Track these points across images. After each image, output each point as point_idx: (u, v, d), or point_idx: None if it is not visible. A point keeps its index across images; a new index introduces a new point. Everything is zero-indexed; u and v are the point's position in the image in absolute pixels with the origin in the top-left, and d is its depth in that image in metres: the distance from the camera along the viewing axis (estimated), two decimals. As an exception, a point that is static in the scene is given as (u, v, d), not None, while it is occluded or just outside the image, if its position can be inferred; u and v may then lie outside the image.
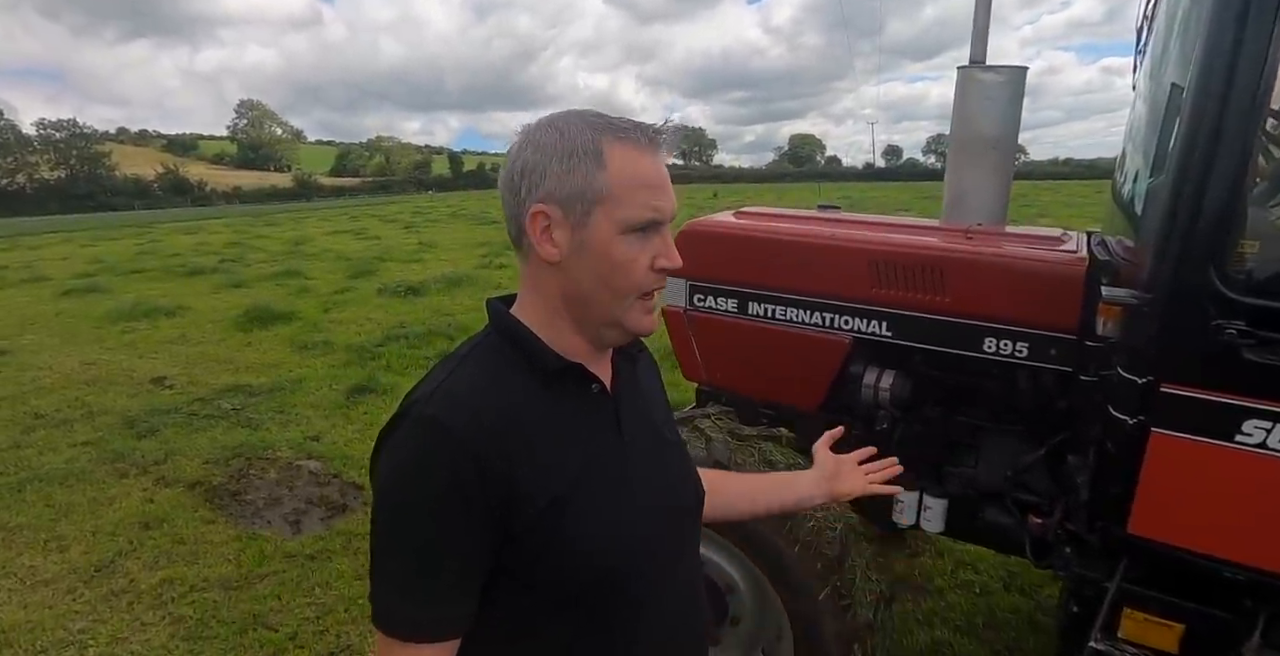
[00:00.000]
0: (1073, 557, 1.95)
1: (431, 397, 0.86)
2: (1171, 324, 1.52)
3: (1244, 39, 1.38)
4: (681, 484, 1.08)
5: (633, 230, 0.87)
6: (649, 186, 0.87)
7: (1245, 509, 1.57)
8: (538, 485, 0.86)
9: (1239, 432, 1.50)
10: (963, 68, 2.39)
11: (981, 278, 2.11)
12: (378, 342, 7.61)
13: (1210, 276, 1.46)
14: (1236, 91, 1.40)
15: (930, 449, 2.40)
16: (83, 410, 5.75)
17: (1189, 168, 1.46)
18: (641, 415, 1.03)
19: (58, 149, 77.79)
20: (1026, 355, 2.08)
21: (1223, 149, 1.43)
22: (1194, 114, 1.46)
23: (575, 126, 0.87)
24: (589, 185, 0.85)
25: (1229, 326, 1.45)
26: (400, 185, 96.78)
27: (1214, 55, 1.42)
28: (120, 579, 3.35)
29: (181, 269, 14.46)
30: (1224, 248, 1.47)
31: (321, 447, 4.86)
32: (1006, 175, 2.44)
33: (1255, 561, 1.59)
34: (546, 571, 0.88)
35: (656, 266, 0.90)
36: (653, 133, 0.88)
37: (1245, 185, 1.47)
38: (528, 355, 0.92)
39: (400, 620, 0.84)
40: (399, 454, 0.85)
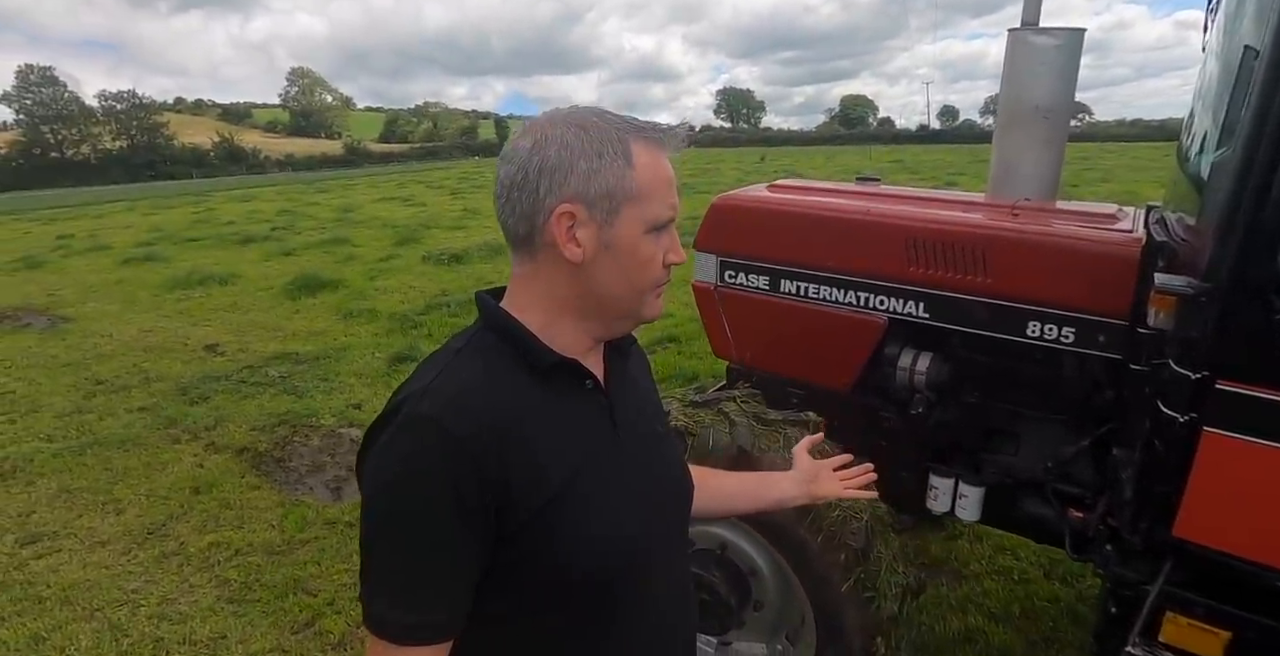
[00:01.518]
0: (1113, 555, 1.86)
1: (424, 396, 0.84)
2: (1231, 316, 1.40)
3: None
4: (673, 477, 1.08)
5: (655, 228, 0.89)
6: (670, 185, 0.89)
7: (1303, 514, 1.46)
8: (533, 484, 0.85)
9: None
10: (1014, 30, 2.22)
11: (1026, 258, 1.99)
12: (420, 311, 7.71)
13: (1278, 265, 1.34)
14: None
15: (967, 435, 2.32)
16: (140, 376, 5.98)
17: (1261, 141, 1.33)
18: (634, 409, 1.02)
19: (119, 119, 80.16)
20: (1073, 341, 1.97)
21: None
22: (1269, 81, 1.32)
23: (598, 124, 0.86)
24: (619, 184, 0.85)
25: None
26: (447, 151, 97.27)
27: None
28: (171, 542, 3.49)
29: (234, 237, 14.84)
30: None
31: (363, 416, 4.97)
32: (1059, 147, 2.28)
33: (1313, 570, 1.48)
34: (542, 569, 0.87)
35: (668, 261, 0.92)
36: (669, 132, 0.89)
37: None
38: (521, 351, 0.90)
39: (393, 623, 0.82)
40: (391, 453, 0.83)
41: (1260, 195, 1.34)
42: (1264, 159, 1.33)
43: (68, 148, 76.82)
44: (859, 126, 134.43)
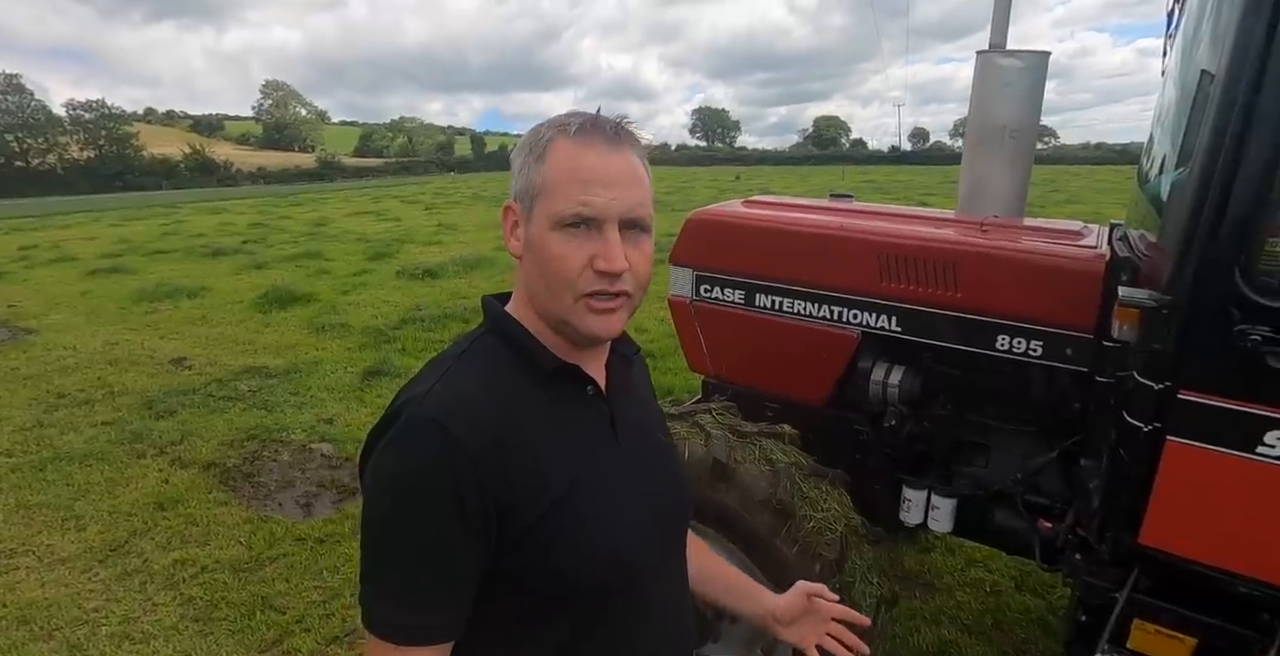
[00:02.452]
0: (1082, 564, 1.89)
1: (427, 398, 0.84)
2: (1192, 328, 1.45)
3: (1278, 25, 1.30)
4: (673, 486, 1.07)
5: (563, 225, 0.84)
6: (578, 180, 0.83)
7: (1265, 523, 1.50)
8: (536, 488, 0.85)
9: (1260, 444, 1.44)
10: (982, 52, 2.30)
11: (995, 273, 2.04)
12: (393, 325, 7.64)
13: (1235, 279, 1.39)
14: (1270, 80, 1.32)
15: (939, 448, 2.35)
16: (104, 390, 5.85)
17: (1216, 161, 1.38)
18: (635, 417, 1.02)
19: (87, 129, 78.63)
20: (1041, 354, 2.01)
21: (1253, 142, 1.35)
22: (1224, 103, 1.38)
23: (543, 125, 0.89)
24: (532, 180, 0.86)
25: (1254, 332, 1.37)
26: (423, 166, 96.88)
27: (1246, 41, 1.33)
28: (134, 559, 3.40)
29: (205, 250, 14.60)
30: (1251, 249, 1.40)
31: (334, 431, 4.90)
32: (1025, 165, 2.35)
33: (1274, 577, 1.52)
34: (544, 573, 0.87)
35: (596, 267, 0.84)
36: (597, 126, 0.86)
37: (1277, 182, 1.40)
38: (524, 354, 0.91)
39: (393, 624, 0.82)
40: (394, 455, 0.83)
41: (1218, 213, 1.39)
42: (1220, 179, 1.38)
43: (33, 157, 75.17)
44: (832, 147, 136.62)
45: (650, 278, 0.91)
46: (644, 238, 0.89)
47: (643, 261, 0.88)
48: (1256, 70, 1.33)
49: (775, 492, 1.88)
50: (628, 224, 0.86)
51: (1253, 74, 1.33)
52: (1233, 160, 1.36)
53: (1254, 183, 1.35)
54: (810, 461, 2.05)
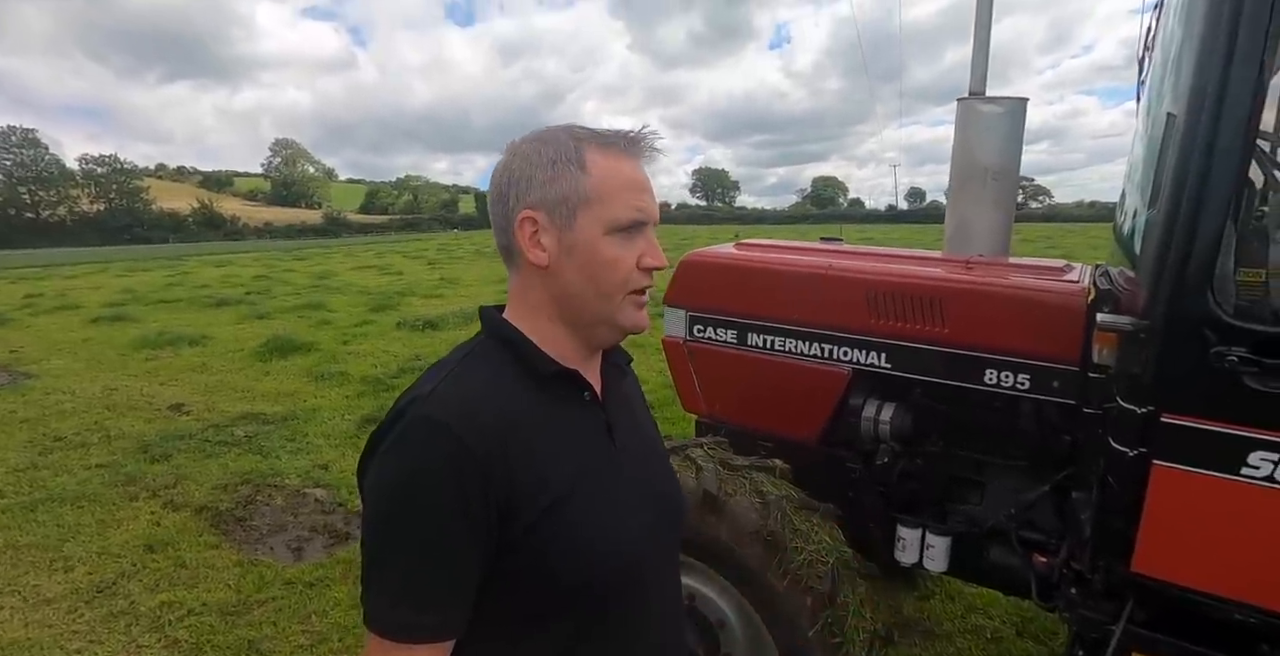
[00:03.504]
0: (1077, 598, 1.88)
1: (429, 399, 0.86)
2: (1171, 351, 1.49)
3: (1233, 65, 1.38)
4: (668, 494, 1.09)
5: (618, 230, 0.90)
6: (631, 187, 0.90)
7: (1253, 546, 1.51)
8: (537, 487, 0.86)
9: (1244, 465, 1.45)
10: (963, 99, 2.40)
11: (981, 308, 2.08)
12: (393, 374, 7.66)
13: (1209, 301, 1.44)
14: (1227, 114, 1.40)
15: (932, 485, 2.35)
16: (100, 434, 5.83)
17: (1184, 190, 1.45)
18: (630, 424, 1.05)
19: (99, 183, 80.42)
20: (1028, 387, 2.04)
21: (1217, 168, 1.41)
22: (1186, 139, 1.45)
23: (557, 137, 0.91)
24: (573, 189, 0.88)
25: (1230, 353, 1.41)
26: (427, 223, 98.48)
27: (1204, 81, 1.42)
28: (121, 600, 3.34)
29: (208, 300, 14.74)
30: (1224, 272, 1.45)
31: (330, 476, 4.86)
32: (1008, 206, 2.43)
33: (1265, 602, 1.52)
34: (542, 574, 0.87)
35: (643, 265, 0.92)
36: (630, 138, 0.92)
37: (1244, 205, 1.46)
38: (523, 359, 0.93)
39: (395, 621, 0.83)
40: (396, 455, 0.84)
41: (1188, 239, 1.44)
42: (1188, 206, 1.45)
43: (44, 209, 76.61)
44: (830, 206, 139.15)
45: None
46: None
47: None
48: (1214, 105, 1.40)
49: (766, 524, 1.88)
50: (653, 225, 0.95)
51: (1211, 109, 1.41)
52: (1200, 187, 1.43)
53: (1220, 206, 1.42)
54: (800, 494, 2.05)
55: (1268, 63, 1.40)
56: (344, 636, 3.05)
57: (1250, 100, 1.39)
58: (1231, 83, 1.39)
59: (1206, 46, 1.42)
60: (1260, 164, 1.80)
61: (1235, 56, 1.38)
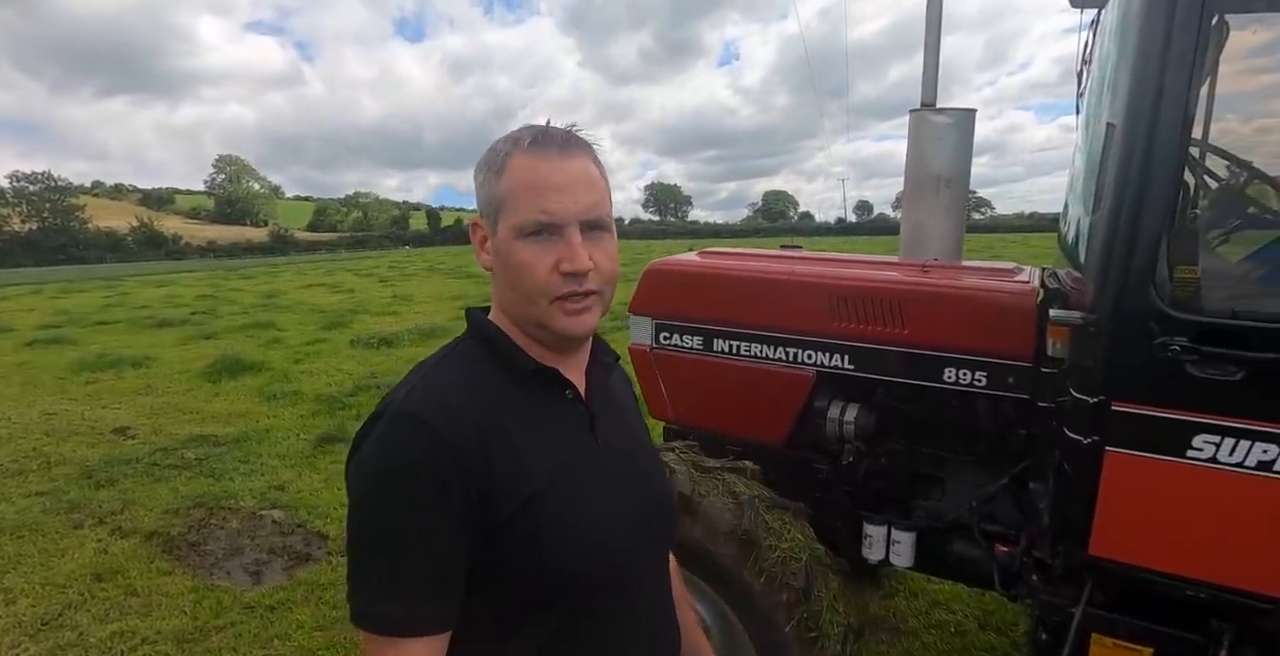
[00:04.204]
0: (1039, 584, 1.95)
1: (409, 396, 0.87)
2: (1118, 343, 1.57)
3: (1166, 79, 1.48)
4: (655, 490, 1.09)
5: (525, 234, 0.88)
6: (535, 189, 0.87)
7: (1201, 525, 1.59)
8: (515, 481, 0.86)
9: (1190, 448, 1.54)
10: (914, 110, 2.50)
11: (938, 309, 2.16)
12: (349, 393, 7.51)
13: (1152, 296, 1.52)
14: (1162, 121, 1.49)
15: (896, 482, 2.41)
16: (40, 460, 5.58)
17: (1125, 193, 1.54)
18: (616, 422, 1.05)
19: (31, 201, 77.23)
20: (985, 384, 2.12)
21: (1155, 173, 1.51)
22: (1125, 145, 1.55)
23: (500, 142, 0.93)
24: (493, 194, 0.90)
25: (1172, 344, 1.50)
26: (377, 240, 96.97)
27: (1140, 94, 1.51)
28: (68, 632, 3.20)
29: (150, 321, 14.27)
30: (1165, 266, 1.54)
31: (286, 497, 4.74)
32: (960, 212, 2.53)
33: (1214, 577, 1.60)
34: (522, 571, 0.88)
35: (562, 270, 0.88)
36: (542, 136, 0.90)
37: (1181, 206, 1.56)
38: (503, 357, 0.94)
39: (383, 617, 0.83)
40: (377, 449, 0.85)
41: (1130, 237, 1.53)
42: (1129, 211, 1.54)
43: (-28, 229, 73.29)
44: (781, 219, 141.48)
45: (618, 275, 0.95)
46: (606, 237, 0.92)
47: (607, 260, 0.92)
48: (1150, 116, 1.50)
49: (740, 524, 1.91)
50: (588, 225, 0.89)
51: (1147, 119, 1.50)
52: (1138, 190, 1.52)
53: (1159, 208, 1.51)
54: (772, 494, 2.09)
55: (1196, 76, 1.50)
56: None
57: (1183, 110, 1.49)
58: (1165, 95, 1.48)
59: (1141, 61, 1.52)
60: (1193, 169, 1.92)
61: (1168, 70, 1.48)
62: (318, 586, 3.55)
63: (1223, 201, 1.88)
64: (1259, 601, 1.58)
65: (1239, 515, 1.55)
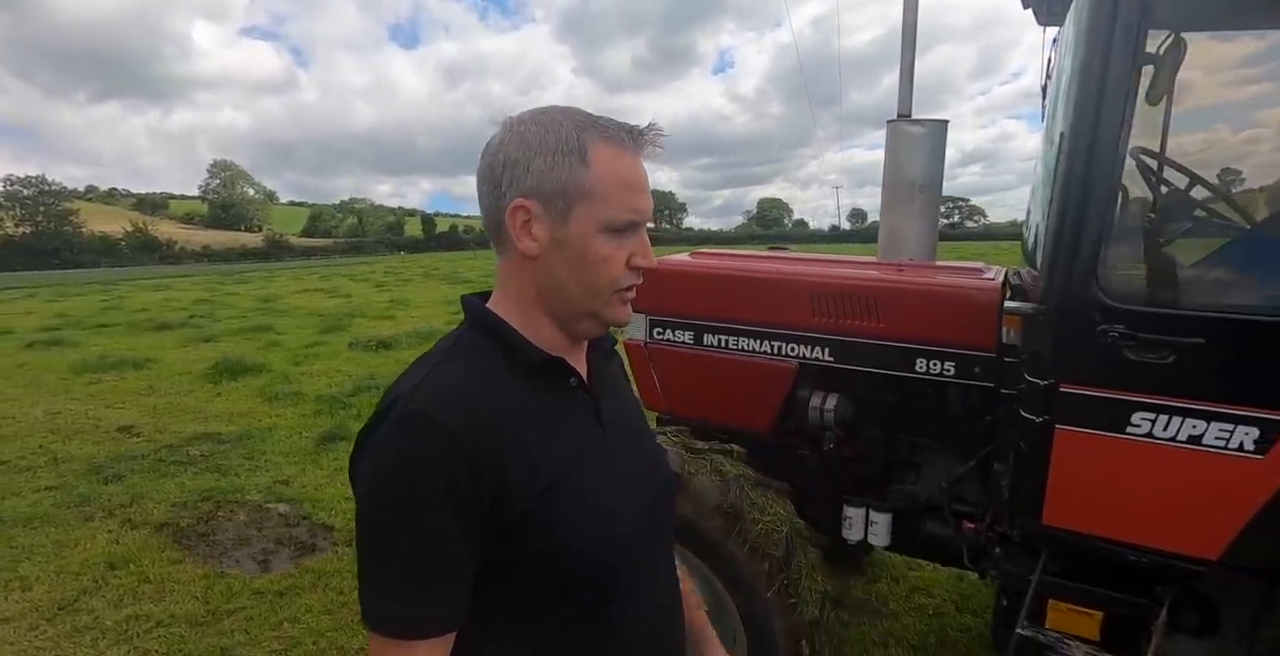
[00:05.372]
0: (1001, 556, 2.12)
1: (415, 393, 0.85)
2: (1065, 330, 1.75)
3: (1106, 89, 1.66)
4: (659, 473, 1.10)
5: (612, 229, 0.88)
6: (631, 187, 0.88)
7: (1140, 495, 1.77)
8: (527, 477, 0.85)
9: (1129, 425, 1.72)
10: (891, 121, 2.68)
11: (910, 304, 2.33)
12: (349, 393, 7.65)
13: (1094, 288, 1.70)
14: (1102, 130, 1.67)
15: (874, 466, 2.58)
16: (47, 457, 5.71)
17: (1071, 196, 1.72)
18: (617, 407, 1.05)
19: (24, 205, 77.09)
20: (954, 373, 2.29)
21: (1097, 178, 1.68)
22: (1072, 151, 1.73)
23: (560, 122, 0.88)
24: (572, 182, 0.86)
25: (1112, 330, 1.67)
26: (372, 246, 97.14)
27: (1082, 102, 1.69)
28: (85, 616, 3.33)
29: (149, 324, 14.37)
30: (1107, 261, 1.72)
31: (291, 491, 4.88)
32: (933, 216, 2.71)
33: (1152, 543, 1.78)
34: (537, 563, 0.87)
35: (632, 264, 0.91)
36: (636, 134, 0.90)
37: (1121, 208, 1.74)
38: (508, 349, 0.92)
39: (392, 618, 0.82)
40: (384, 450, 0.84)
41: (1075, 234, 1.71)
42: (1075, 211, 1.72)
43: (-36, 233, 73.13)
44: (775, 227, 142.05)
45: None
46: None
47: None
48: (1091, 126, 1.68)
49: (726, 498, 2.07)
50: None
51: (1089, 129, 1.68)
52: (1083, 193, 1.70)
53: (1100, 208, 1.69)
54: (756, 473, 2.25)
55: (1133, 90, 1.68)
56: (317, 640, 3.11)
57: (1119, 122, 1.67)
58: (1104, 107, 1.66)
59: (1083, 75, 1.70)
60: (1145, 175, 2.10)
61: (1106, 84, 1.66)
62: (324, 574, 3.70)
63: (1164, 205, 2.06)
64: (1193, 564, 1.75)
65: (1172, 485, 1.72)
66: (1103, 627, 1.92)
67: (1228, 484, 1.66)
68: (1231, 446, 1.64)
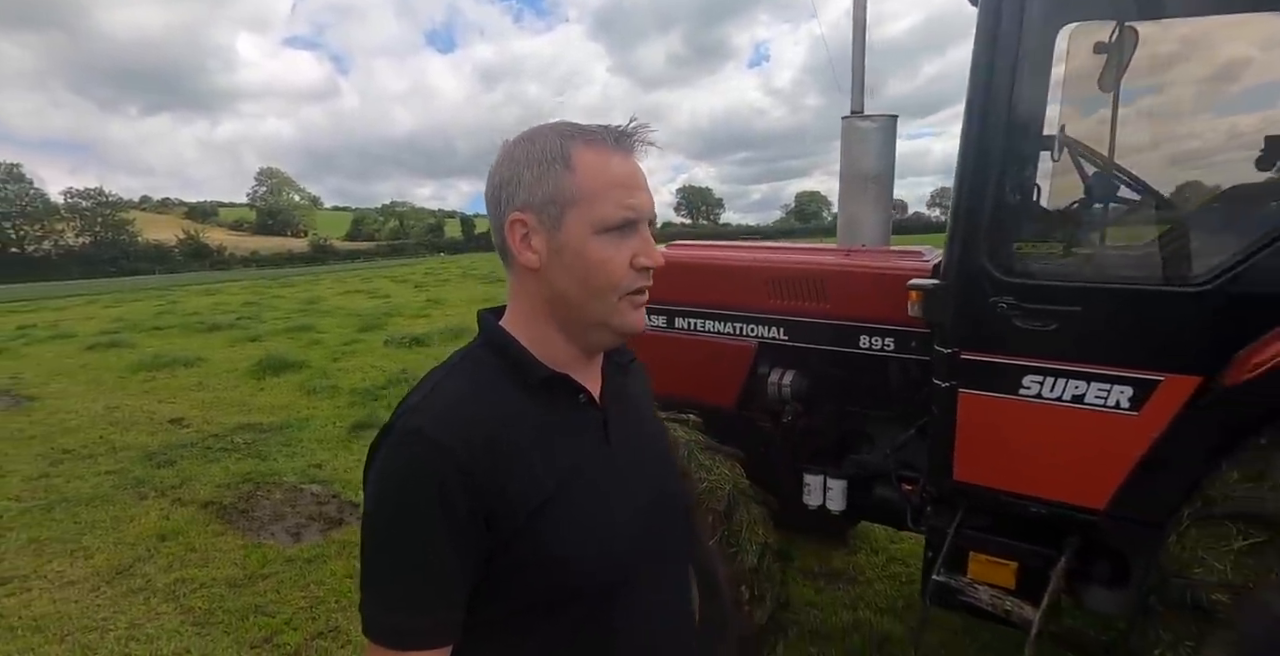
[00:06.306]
0: (930, 514, 2.33)
1: (418, 409, 0.88)
2: (962, 303, 1.97)
3: (994, 78, 1.87)
4: (668, 494, 1.08)
5: (608, 229, 0.88)
6: (620, 185, 0.88)
7: (1034, 451, 1.98)
8: (522, 494, 0.86)
9: (1021, 387, 1.93)
10: (845, 118, 2.89)
11: (854, 286, 2.55)
12: (381, 386, 8.08)
13: (986, 263, 1.92)
14: (990, 125, 1.89)
15: (829, 436, 2.81)
16: (106, 446, 6.22)
17: (965, 182, 1.94)
18: (631, 425, 1.03)
19: (83, 216, 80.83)
20: (893, 349, 2.51)
21: (988, 159, 1.90)
22: (964, 142, 1.95)
23: (545, 135, 0.90)
24: (559, 189, 0.87)
25: (1001, 301, 1.89)
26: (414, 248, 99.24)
27: (972, 91, 1.91)
28: (138, 579, 3.74)
29: (200, 326, 15.14)
30: (997, 239, 1.93)
31: (324, 474, 5.28)
32: (886, 204, 2.91)
33: (1048, 495, 1.99)
34: (531, 578, 0.88)
35: (637, 264, 0.90)
36: (619, 133, 0.90)
37: (1011, 189, 1.95)
38: (514, 365, 0.93)
39: (390, 629, 0.84)
40: (386, 465, 0.87)
41: (971, 219, 1.93)
42: (971, 195, 1.94)
43: (29, 243, 76.75)
44: (814, 220, 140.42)
45: None
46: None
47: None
48: (980, 117, 1.90)
49: (675, 460, 2.33)
50: (648, 221, 0.93)
51: (979, 120, 1.90)
52: (975, 179, 1.92)
53: (994, 192, 1.90)
54: (708, 439, 2.50)
55: (1021, 78, 1.89)
56: (339, 598, 3.46)
57: (1005, 112, 1.88)
58: (993, 94, 1.88)
59: (978, 64, 1.90)
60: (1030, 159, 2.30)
61: (995, 74, 1.87)
62: (349, 544, 4.05)
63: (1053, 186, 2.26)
64: (1085, 514, 1.96)
65: (1061, 442, 1.93)
66: (1017, 576, 2.13)
67: (1108, 439, 1.86)
68: (1109, 404, 1.84)
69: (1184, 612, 1.59)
